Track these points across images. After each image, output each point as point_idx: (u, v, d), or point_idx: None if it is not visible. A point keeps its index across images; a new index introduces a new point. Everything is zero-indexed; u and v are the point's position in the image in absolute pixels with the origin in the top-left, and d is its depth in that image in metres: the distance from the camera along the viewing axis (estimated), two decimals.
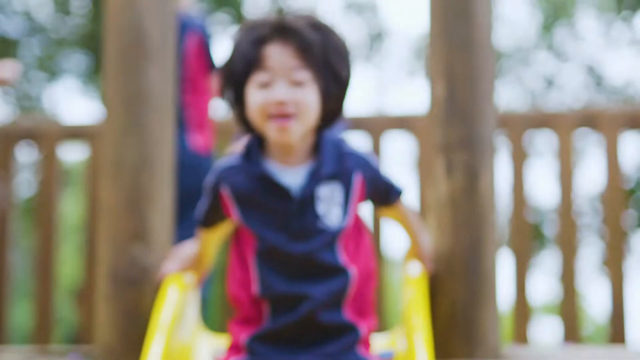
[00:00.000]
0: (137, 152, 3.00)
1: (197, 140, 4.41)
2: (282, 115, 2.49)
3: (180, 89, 4.35)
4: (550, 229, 11.64)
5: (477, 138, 2.90)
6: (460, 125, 2.91)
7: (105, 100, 3.08)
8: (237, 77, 2.53)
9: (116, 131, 3.02)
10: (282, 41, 2.49)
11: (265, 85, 2.50)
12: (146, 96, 3.04)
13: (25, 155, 6.49)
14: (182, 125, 4.34)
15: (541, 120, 5.14)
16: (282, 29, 2.50)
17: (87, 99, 12.55)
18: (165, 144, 3.06)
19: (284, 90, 2.48)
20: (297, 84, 2.49)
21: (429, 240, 2.90)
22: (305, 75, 2.49)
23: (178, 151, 4.22)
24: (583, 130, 5.18)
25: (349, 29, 12.61)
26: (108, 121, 3.04)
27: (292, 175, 2.55)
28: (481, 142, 2.91)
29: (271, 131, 2.51)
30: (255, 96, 2.51)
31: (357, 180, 2.55)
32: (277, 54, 2.49)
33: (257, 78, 2.50)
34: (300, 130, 2.51)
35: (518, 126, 5.11)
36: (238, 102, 2.58)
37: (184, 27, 4.36)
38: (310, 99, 2.50)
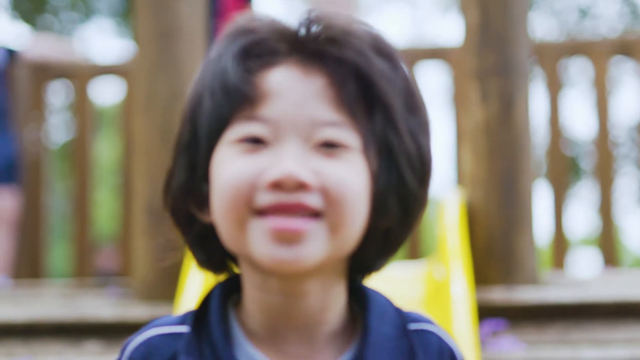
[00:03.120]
0: (169, 87, 3.00)
1: None
2: (289, 208, 1.12)
3: (215, 24, 4.35)
4: (587, 161, 11.58)
5: (511, 64, 2.88)
6: (494, 52, 2.88)
7: (136, 36, 3.07)
8: (202, 127, 1.18)
9: (148, 67, 3.02)
10: (303, 65, 1.17)
11: (256, 147, 1.15)
12: (177, 31, 3.02)
13: (59, 96, 6.49)
14: None
15: (576, 48, 5.09)
16: (303, 40, 1.18)
17: (121, 40, 12.57)
18: None
19: (300, 159, 1.13)
20: (329, 150, 1.15)
21: None
22: (347, 136, 1.15)
23: None
24: (618, 58, 5.12)
25: None
26: (139, 57, 3.03)
27: None
28: (515, 68, 2.88)
29: (259, 243, 1.13)
30: (232, 166, 1.15)
31: None
32: (290, 88, 1.16)
33: (239, 131, 1.16)
34: (326, 251, 1.14)
35: (553, 55, 5.05)
36: (195, 184, 1.20)
37: None
38: (357, 185, 1.15)
